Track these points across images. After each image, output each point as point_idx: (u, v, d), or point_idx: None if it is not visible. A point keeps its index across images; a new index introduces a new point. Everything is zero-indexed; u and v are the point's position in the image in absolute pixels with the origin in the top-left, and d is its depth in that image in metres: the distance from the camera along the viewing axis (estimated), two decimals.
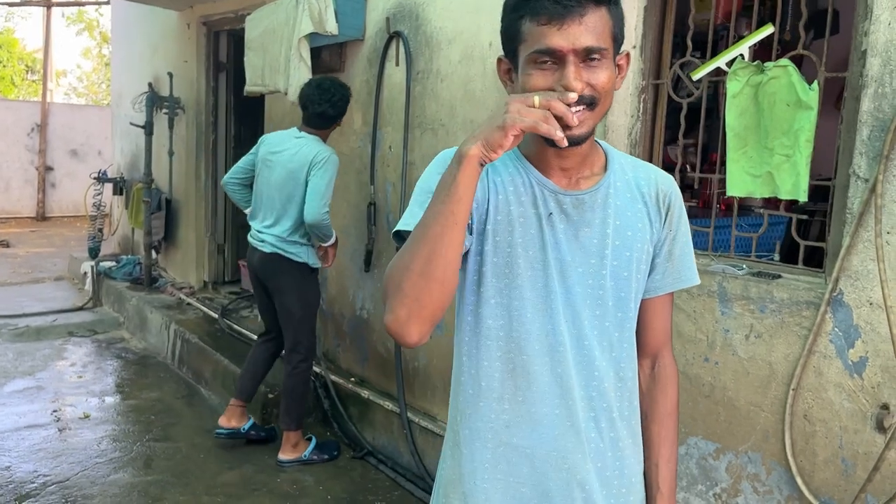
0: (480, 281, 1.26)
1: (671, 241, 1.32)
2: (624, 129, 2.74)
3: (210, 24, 6.05)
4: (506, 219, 1.24)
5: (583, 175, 1.27)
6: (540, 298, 1.23)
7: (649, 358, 1.40)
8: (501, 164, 1.28)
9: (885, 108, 2.04)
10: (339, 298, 4.41)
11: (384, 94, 3.95)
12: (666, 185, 1.33)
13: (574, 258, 1.24)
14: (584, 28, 1.11)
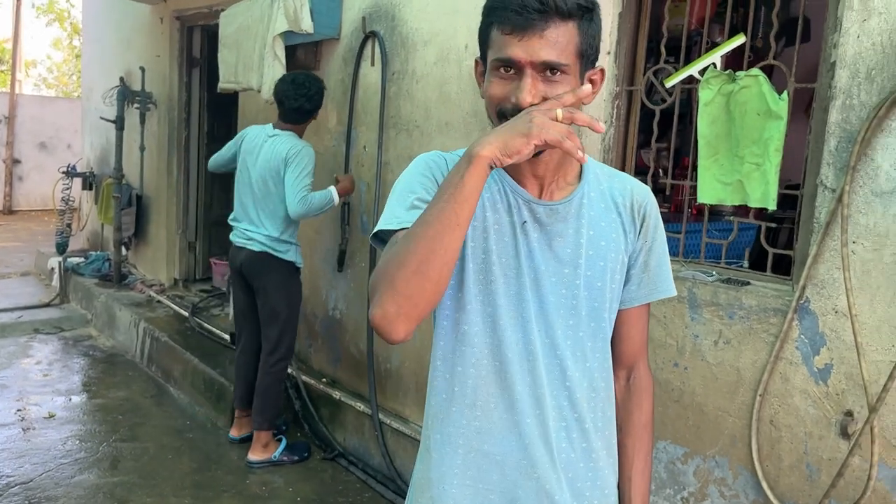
0: (460, 286, 1.25)
1: (647, 251, 1.32)
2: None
3: (183, 19, 5.98)
4: (481, 225, 1.23)
5: (557, 185, 1.27)
6: (513, 306, 1.23)
7: (625, 369, 1.39)
8: None
9: (852, 119, 2.08)
10: (311, 299, 4.38)
11: (359, 94, 3.93)
12: (641, 196, 1.32)
13: (548, 267, 1.24)
14: (545, 42, 1.10)
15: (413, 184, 1.23)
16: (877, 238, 2.03)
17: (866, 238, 2.05)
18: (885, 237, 2.01)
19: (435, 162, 1.27)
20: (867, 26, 2.03)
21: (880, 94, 2.01)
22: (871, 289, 2.05)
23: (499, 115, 1.15)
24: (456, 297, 1.26)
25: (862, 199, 2.06)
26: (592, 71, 1.20)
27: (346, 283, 4.08)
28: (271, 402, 3.72)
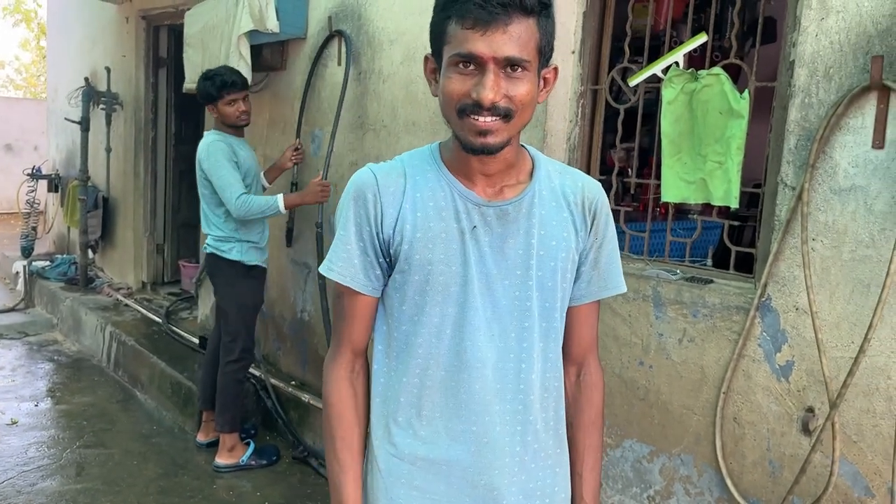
0: (402, 299, 1.24)
1: (597, 248, 1.31)
2: (563, 133, 2.75)
3: (149, 19, 5.89)
4: (425, 236, 1.21)
5: (507, 183, 1.24)
6: (462, 314, 1.22)
7: (575, 366, 1.38)
8: (422, 178, 1.24)
9: (811, 117, 2.09)
10: (279, 301, 4.33)
11: (325, 94, 3.89)
12: (592, 193, 1.30)
13: (500, 270, 1.22)
14: (508, 37, 1.08)
15: (347, 231, 1.23)
16: (835, 235, 2.05)
17: (825, 235, 2.07)
18: (843, 234, 2.03)
19: (363, 193, 1.23)
20: (825, 25, 2.05)
21: (838, 92, 2.02)
22: (830, 286, 2.06)
23: (458, 112, 1.12)
24: (399, 310, 1.25)
25: (821, 196, 2.07)
26: (547, 69, 1.19)
27: (314, 285, 4.04)
28: (229, 403, 3.66)
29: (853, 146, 2.00)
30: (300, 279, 4.15)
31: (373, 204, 1.21)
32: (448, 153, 1.26)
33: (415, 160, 1.27)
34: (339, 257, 1.24)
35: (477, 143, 1.13)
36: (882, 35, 1.94)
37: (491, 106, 1.09)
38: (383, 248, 1.23)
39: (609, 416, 2.59)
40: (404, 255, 1.21)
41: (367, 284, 1.25)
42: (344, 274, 1.24)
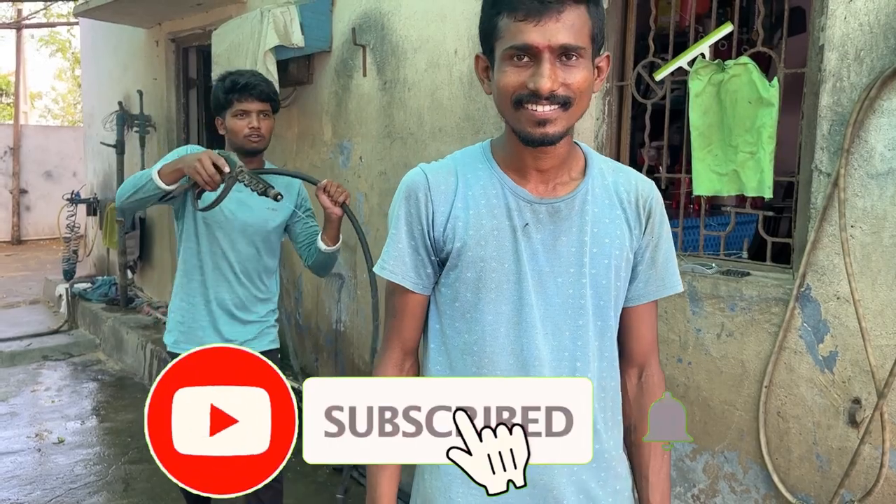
0: (455, 296, 1.24)
1: (653, 248, 1.28)
2: (590, 131, 2.73)
3: (178, 41, 6.01)
4: (478, 234, 1.20)
5: (560, 180, 1.23)
6: (515, 313, 1.21)
7: (636, 367, 1.34)
8: (473, 176, 1.23)
9: (843, 101, 2.05)
10: (315, 313, 4.37)
11: (352, 105, 3.93)
12: (646, 191, 1.28)
13: (552, 268, 1.21)
14: (562, 25, 1.08)
15: (398, 230, 1.25)
16: (875, 221, 2.00)
17: (864, 221, 2.02)
18: (882, 219, 1.98)
19: (414, 193, 1.24)
20: (853, 7, 2.01)
21: (870, 74, 1.98)
22: (871, 273, 2.01)
23: (515, 103, 1.12)
24: (451, 307, 1.25)
25: (858, 181, 2.03)
26: (599, 58, 1.18)
27: (350, 295, 4.07)
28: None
29: (888, 128, 1.96)
30: (334, 290, 4.18)
31: (424, 203, 1.22)
32: (501, 150, 1.25)
33: (466, 158, 1.27)
34: (391, 256, 1.25)
35: (536, 133, 1.12)
36: None
37: (549, 94, 1.09)
38: (435, 246, 1.24)
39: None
40: (456, 253, 1.21)
41: (418, 282, 1.26)
42: (395, 272, 1.25)
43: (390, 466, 1.28)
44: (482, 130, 3.15)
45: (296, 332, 4.56)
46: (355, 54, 3.84)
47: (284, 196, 2.40)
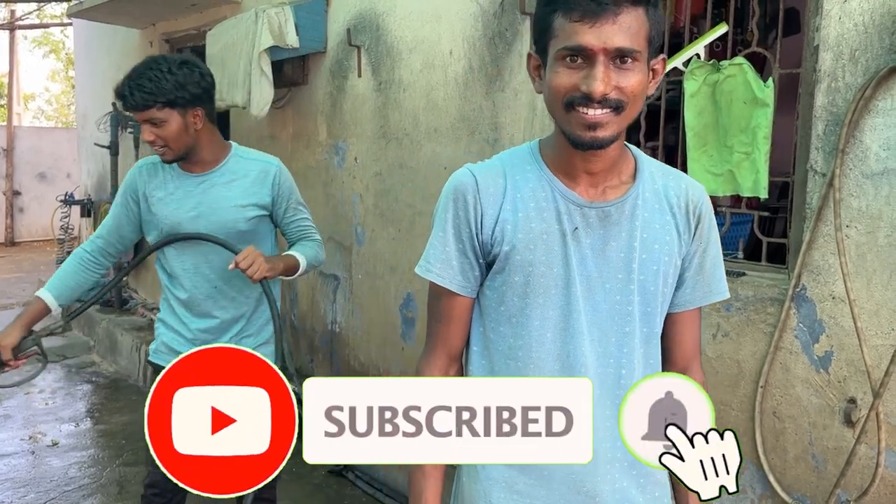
0: (501, 300, 1.22)
1: (701, 253, 1.26)
2: None
3: (173, 42, 5.99)
4: (526, 237, 1.18)
5: (610, 183, 1.21)
6: (562, 318, 1.19)
7: (678, 372, 1.31)
8: (522, 177, 1.21)
9: (838, 102, 2.05)
10: (310, 314, 4.36)
11: (347, 106, 3.92)
12: (696, 196, 1.25)
13: (601, 273, 1.19)
14: (618, 27, 1.05)
15: (445, 233, 1.22)
16: (870, 221, 2.00)
17: (859, 221, 2.02)
18: (878, 219, 1.98)
19: (462, 194, 1.21)
20: (848, 7, 2.01)
21: (865, 74, 1.98)
22: (867, 272, 2.01)
23: (566, 105, 1.10)
24: (497, 311, 1.23)
25: (853, 181, 2.03)
26: (655, 60, 1.15)
27: (345, 297, 4.06)
28: None
29: (883, 128, 1.96)
30: (329, 291, 4.17)
31: (472, 205, 1.20)
32: (550, 151, 1.23)
33: (515, 159, 1.25)
34: (437, 258, 1.23)
35: (586, 137, 1.09)
36: None
37: (602, 98, 1.07)
38: (483, 249, 1.22)
39: None
40: (504, 256, 1.19)
41: (465, 286, 1.24)
42: (442, 275, 1.23)
43: (434, 472, 1.25)
44: (477, 131, 3.15)
45: (291, 333, 4.55)
46: (350, 55, 3.84)
47: (256, 187, 2.20)
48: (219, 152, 2.24)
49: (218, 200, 2.18)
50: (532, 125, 2.90)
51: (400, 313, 3.65)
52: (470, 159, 3.21)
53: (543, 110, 2.84)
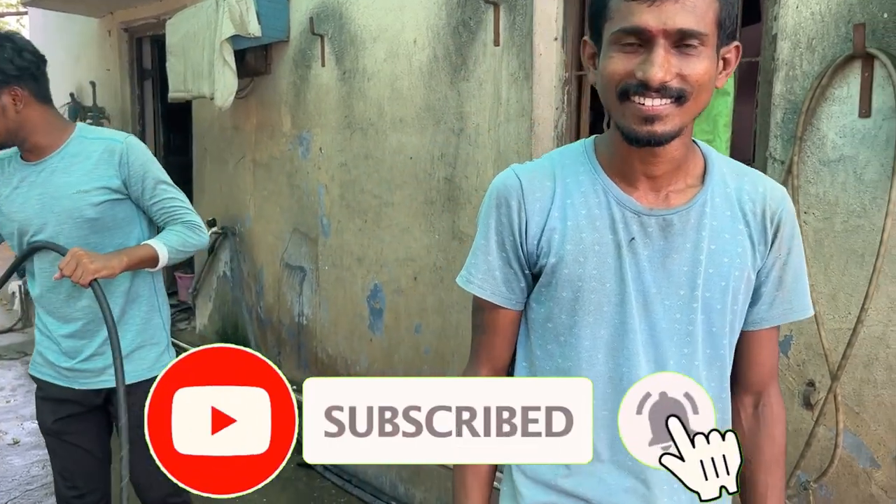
0: (548, 315, 1.12)
1: (781, 266, 1.12)
2: (550, 122, 2.74)
3: (132, 31, 5.88)
4: (576, 248, 1.07)
5: (675, 187, 1.07)
6: (616, 338, 1.08)
7: (752, 395, 1.19)
8: (573, 180, 1.10)
9: (796, 90, 2.08)
10: (276, 306, 4.32)
11: (311, 95, 3.88)
12: (776, 200, 1.11)
13: (660, 289, 1.07)
14: (681, 6, 0.93)
15: (488, 241, 1.13)
16: (827, 207, 2.04)
17: (817, 208, 2.06)
18: (834, 206, 2.02)
19: (505, 199, 1.11)
20: None
21: (822, 62, 2.02)
22: (824, 258, 2.05)
23: (620, 94, 0.98)
24: (544, 327, 1.13)
25: (811, 168, 2.07)
26: (727, 48, 1.03)
27: (312, 289, 4.03)
28: None
29: (839, 116, 1.99)
30: (296, 283, 4.14)
31: (517, 211, 1.10)
32: (606, 150, 1.11)
33: (566, 159, 1.13)
34: (479, 269, 1.14)
35: (642, 131, 0.97)
36: (863, 3, 1.93)
37: (660, 86, 0.94)
38: (528, 259, 1.11)
39: None
40: (551, 269, 1.09)
41: (509, 297, 1.14)
42: (484, 287, 1.14)
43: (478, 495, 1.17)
44: (443, 121, 3.14)
45: (257, 325, 4.52)
46: (313, 44, 3.80)
47: (101, 169, 1.98)
48: (57, 135, 2.02)
49: (59, 187, 1.97)
50: (497, 115, 2.90)
51: (367, 304, 3.64)
52: (436, 150, 3.23)
53: (509, 100, 2.85)
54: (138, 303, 2.10)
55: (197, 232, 2.09)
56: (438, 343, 3.28)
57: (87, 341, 2.06)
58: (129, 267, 1.93)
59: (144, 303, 2.12)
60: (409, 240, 3.36)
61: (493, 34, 2.86)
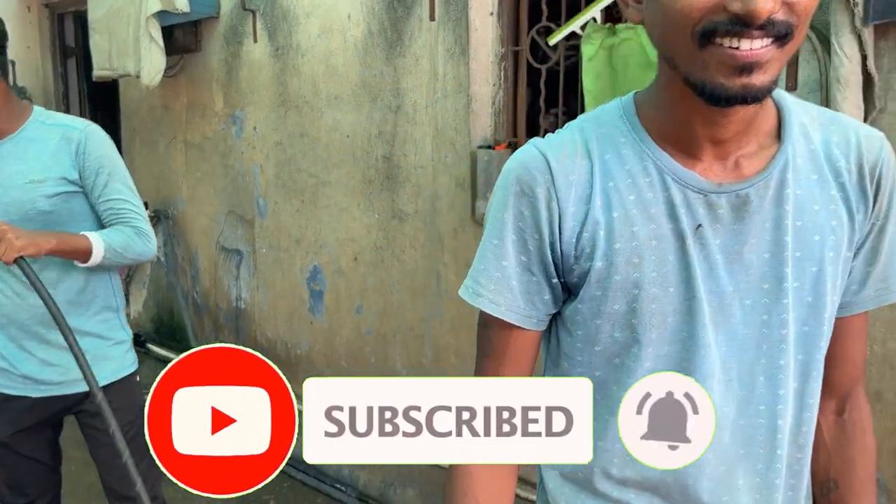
0: (594, 337, 0.87)
1: (877, 233, 0.87)
2: (487, 98, 2.72)
3: (52, 6, 5.62)
4: (628, 246, 0.82)
5: (745, 151, 0.82)
6: (684, 356, 0.84)
7: (836, 399, 0.95)
8: (614, 155, 0.84)
9: None
10: (213, 291, 4.22)
11: (244, 73, 3.77)
12: (872, 151, 0.85)
13: (737, 286, 0.83)
14: None
15: (503, 241, 0.87)
16: None
17: None
18: None
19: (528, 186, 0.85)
20: None
21: None
22: None
23: (702, 36, 0.71)
24: (589, 352, 0.89)
25: None
26: None
27: (249, 271, 3.94)
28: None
29: None
30: (232, 266, 4.05)
31: (544, 202, 0.84)
32: (653, 111, 0.85)
33: (600, 128, 0.87)
34: (491, 277, 0.88)
35: (734, 85, 0.72)
36: None
37: (766, 21, 0.69)
38: (562, 264, 0.86)
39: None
40: (597, 277, 0.84)
41: (529, 315, 0.89)
42: (497, 301, 0.88)
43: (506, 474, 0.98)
44: (379, 98, 3.09)
45: (194, 311, 4.40)
46: (245, 20, 3.68)
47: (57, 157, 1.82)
48: (14, 118, 1.84)
49: (11, 176, 1.79)
50: (434, 91, 2.87)
51: (307, 286, 3.58)
52: (373, 127, 3.18)
53: (445, 76, 2.82)
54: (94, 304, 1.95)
55: (143, 239, 1.92)
56: (380, 324, 3.25)
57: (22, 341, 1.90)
58: (58, 250, 1.75)
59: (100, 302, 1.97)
60: (348, 220, 3.31)
61: (429, 9, 2.82)
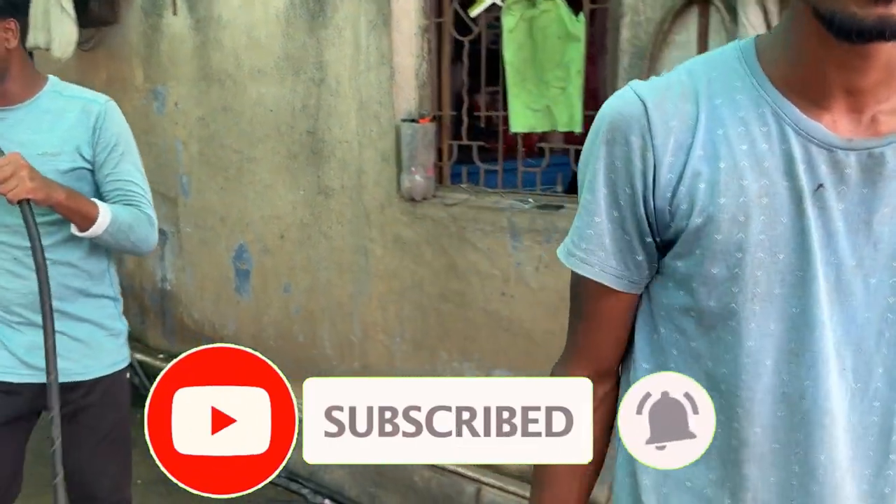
0: (691, 302, 0.78)
1: None
2: (411, 70, 2.70)
3: None
4: (734, 203, 0.73)
5: (884, 105, 0.72)
6: (792, 336, 0.75)
7: None
8: (726, 100, 0.75)
9: (641, 36, 2.13)
10: (138, 271, 4.10)
11: (164, 46, 3.65)
12: None
13: (861, 261, 0.73)
14: None
15: (595, 195, 0.80)
16: None
17: None
18: None
19: (623, 133, 0.77)
20: None
21: (663, 8, 2.07)
22: None
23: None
24: (684, 319, 0.81)
25: None
26: None
27: (174, 252, 3.85)
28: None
29: (680, 61, 2.01)
30: (157, 247, 3.93)
31: (639, 150, 0.76)
32: (776, 54, 0.75)
33: (713, 71, 0.77)
34: (583, 235, 0.82)
35: (869, 15, 0.62)
36: None
37: None
38: (657, 221, 0.78)
39: (476, 350, 2.62)
40: (694, 234, 0.75)
41: (622, 275, 0.82)
42: (590, 261, 0.82)
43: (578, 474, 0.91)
44: (302, 70, 3.03)
45: None
46: None
47: (75, 131, 1.72)
48: (30, 85, 1.74)
49: (21, 146, 1.65)
50: (357, 63, 2.82)
51: (233, 266, 3.51)
52: (296, 101, 3.12)
53: (368, 48, 2.78)
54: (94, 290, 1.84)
55: (151, 226, 1.80)
56: (308, 302, 3.21)
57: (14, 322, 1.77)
58: (64, 205, 1.62)
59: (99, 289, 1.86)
60: (274, 196, 3.25)
61: None
